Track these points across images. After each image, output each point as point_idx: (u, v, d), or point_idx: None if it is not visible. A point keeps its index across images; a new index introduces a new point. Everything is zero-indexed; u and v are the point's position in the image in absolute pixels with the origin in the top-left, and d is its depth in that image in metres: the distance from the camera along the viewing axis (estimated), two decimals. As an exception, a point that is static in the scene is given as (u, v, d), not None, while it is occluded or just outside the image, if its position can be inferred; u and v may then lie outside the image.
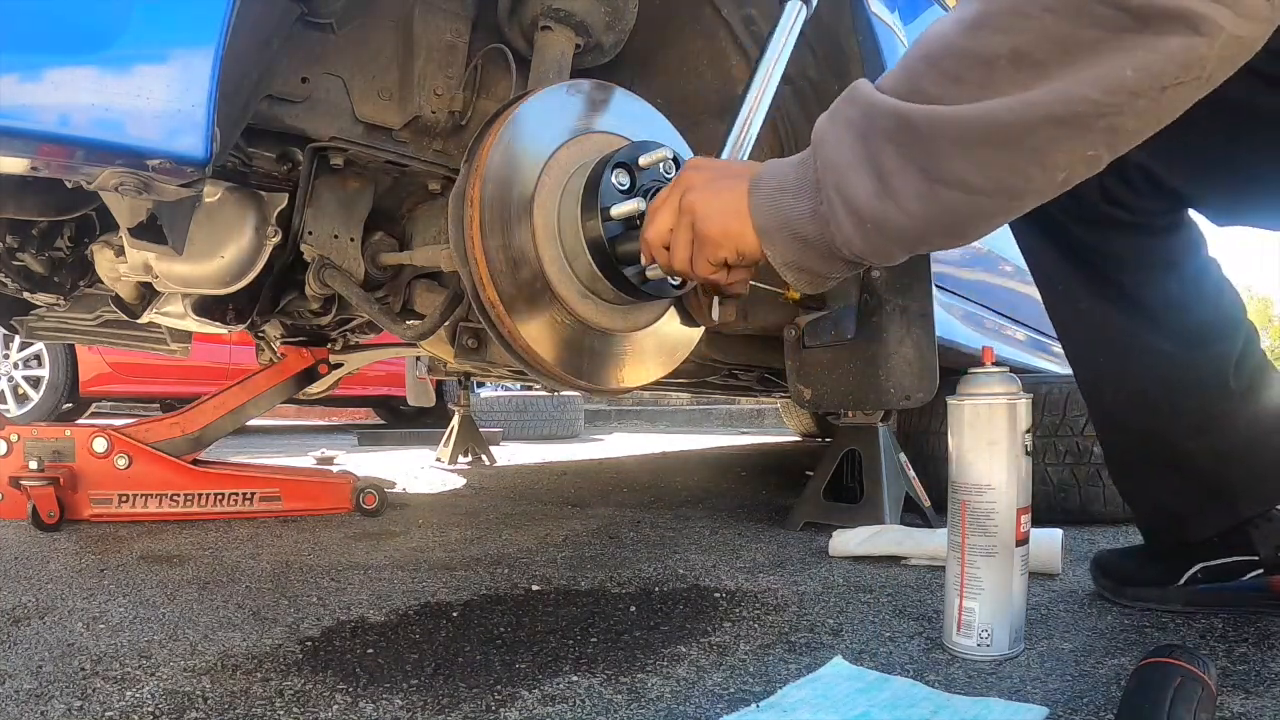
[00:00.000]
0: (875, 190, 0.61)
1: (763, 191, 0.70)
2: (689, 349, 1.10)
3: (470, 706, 0.71)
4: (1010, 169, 0.57)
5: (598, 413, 7.40)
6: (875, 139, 0.61)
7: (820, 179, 0.64)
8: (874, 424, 1.55)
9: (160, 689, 0.74)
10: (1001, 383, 0.84)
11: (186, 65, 0.71)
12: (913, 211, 0.61)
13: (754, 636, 0.91)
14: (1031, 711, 0.68)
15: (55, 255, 1.51)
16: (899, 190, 0.60)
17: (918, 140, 0.59)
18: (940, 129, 0.57)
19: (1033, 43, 0.54)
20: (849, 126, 0.63)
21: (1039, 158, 0.57)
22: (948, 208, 0.60)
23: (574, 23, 1.13)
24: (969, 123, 0.56)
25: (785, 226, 0.68)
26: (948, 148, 0.58)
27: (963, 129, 0.57)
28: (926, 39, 0.61)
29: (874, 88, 0.63)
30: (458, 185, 0.92)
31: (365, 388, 5.62)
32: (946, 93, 0.57)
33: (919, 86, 0.59)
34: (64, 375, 4.61)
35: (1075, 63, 0.53)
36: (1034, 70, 0.54)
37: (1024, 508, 0.83)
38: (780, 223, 0.68)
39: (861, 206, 0.62)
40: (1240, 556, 0.95)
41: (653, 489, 2.31)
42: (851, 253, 0.66)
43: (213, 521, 1.68)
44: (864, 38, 1.25)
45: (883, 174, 0.60)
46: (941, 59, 0.58)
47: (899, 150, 0.59)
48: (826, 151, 0.64)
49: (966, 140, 0.57)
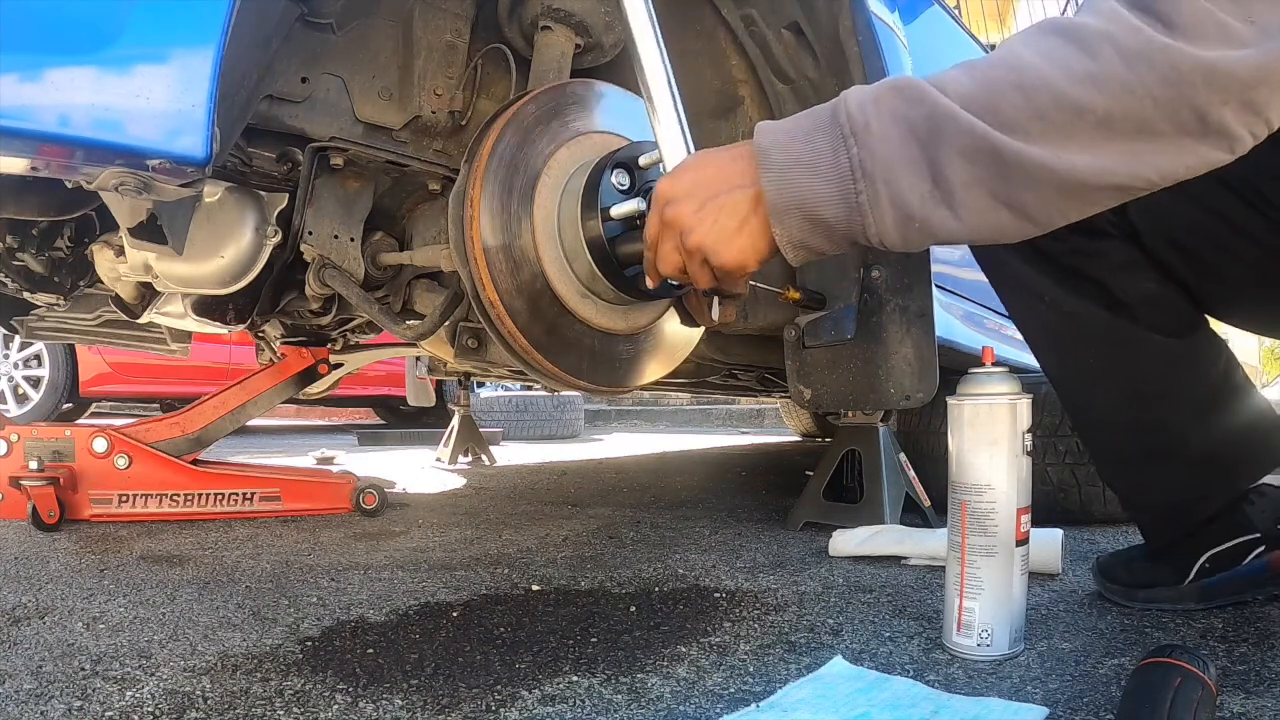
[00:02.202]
0: (929, 194, 0.64)
1: (775, 168, 0.68)
2: (689, 349, 1.10)
3: (470, 706, 0.71)
4: (1064, 210, 0.65)
5: (598, 413, 7.40)
6: (943, 148, 0.63)
7: (866, 169, 0.64)
8: (874, 424, 1.55)
9: (160, 689, 0.74)
10: (1001, 383, 0.84)
11: (186, 65, 0.71)
12: (967, 221, 0.64)
13: (754, 636, 0.91)
14: (1031, 711, 0.68)
15: (55, 255, 1.51)
16: (962, 203, 0.63)
17: (999, 168, 0.62)
18: (1029, 170, 0.62)
19: (1123, 115, 0.60)
20: (905, 125, 0.64)
21: (1087, 207, 0.64)
22: (1000, 226, 0.65)
23: (574, 23, 1.13)
24: (1055, 172, 0.61)
25: (800, 207, 0.67)
26: (1031, 186, 0.62)
27: (1054, 176, 0.61)
28: (1020, 66, 0.62)
29: (938, 92, 0.63)
30: (458, 185, 0.92)
31: (365, 388, 5.62)
32: (1028, 126, 0.61)
33: (998, 107, 0.62)
34: (64, 375, 4.60)
35: (1147, 145, 0.61)
36: (1111, 136, 0.61)
37: (1024, 508, 0.83)
38: (795, 202, 0.67)
39: (912, 206, 0.64)
40: (1242, 538, 0.96)
41: (653, 489, 2.31)
42: (880, 241, 0.67)
43: (213, 521, 1.68)
44: (864, 38, 1.25)
45: (943, 182, 0.63)
46: (1036, 94, 0.61)
47: (973, 169, 0.62)
48: (875, 144, 0.64)
49: (1046, 184, 0.62)
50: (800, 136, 0.68)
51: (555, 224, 0.93)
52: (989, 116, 0.61)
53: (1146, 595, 1.00)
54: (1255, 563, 0.96)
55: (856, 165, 0.64)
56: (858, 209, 0.65)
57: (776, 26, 1.31)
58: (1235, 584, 0.97)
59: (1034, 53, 0.62)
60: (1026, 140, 0.61)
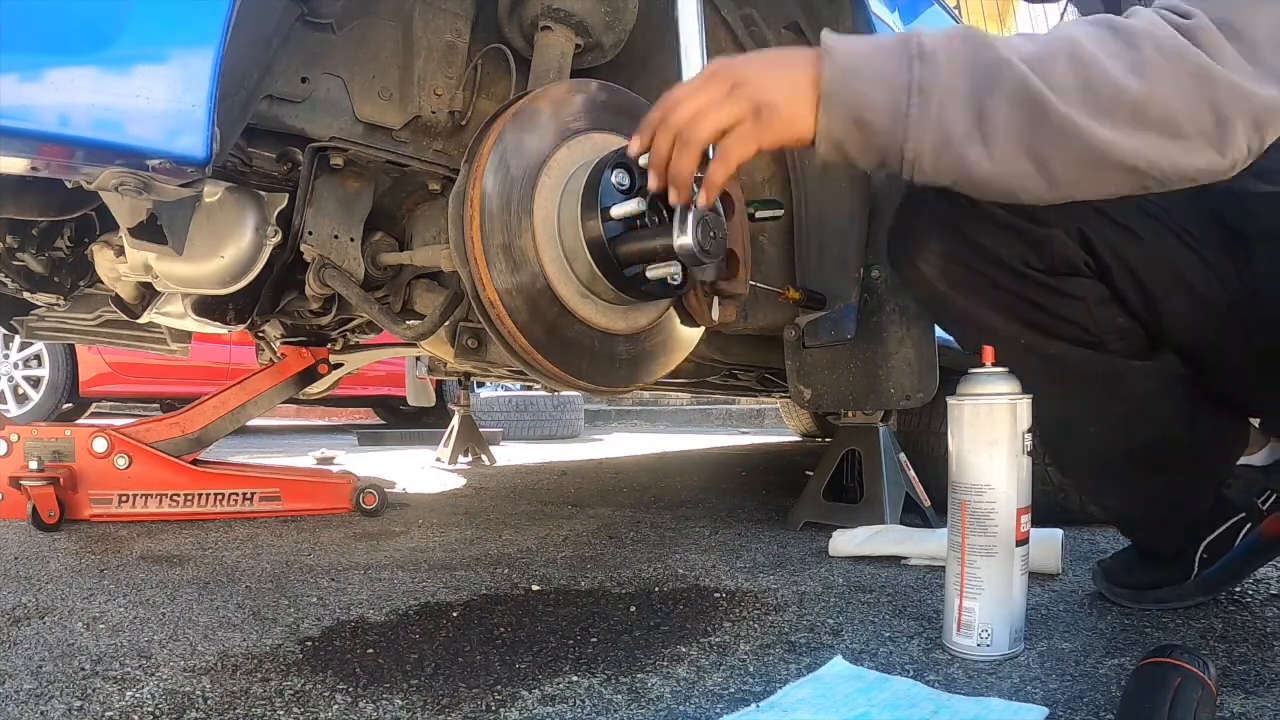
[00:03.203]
0: (969, 130, 0.69)
1: (838, 66, 0.71)
2: (689, 349, 1.10)
3: (470, 706, 0.71)
4: (1080, 180, 0.71)
5: (598, 413, 7.39)
6: (995, 93, 0.68)
7: (924, 88, 0.69)
8: (874, 424, 1.55)
9: (160, 689, 0.74)
10: (1001, 382, 0.84)
11: (186, 65, 0.71)
12: (997, 162, 0.69)
13: (754, 636, 0.91)
14: (1031, 711, 0.68)
15: (55, 255, 1.51)
16: (998, 145, 0.69)
17: (1042, 124, 0.68)
18: (1066, 130, 0.68)
19: (1158, 107, 0.67)
20: (968, 64, 0.69)
21: (1102, 185, 0.71)
22: (1022, 178, 0.71)
23: (574, 23, 1.13)
24: (1086, 139, 0.68)
25: (852, 104, 0.71)
26: (1063, 146, 0.68)
27: (1084, 143, 0.68)
28: (1079, 42, 0.69)
29: (1003, 44, 0.69)
30: (458, 185, 0.92)
31: (365, 388, 5.61)
32: (1074, 93, 0.67)
33: (1051, 71, 0.68)
34: (64, 375, 4.60)
35: (1170, 141, 0.68)
36: (1141, 123, 0.67)
37: (1024, 508, 0.83)
38: (849, 99, 0.71)
39: (955, 134, 0.69)
40: (1231, 520, 1.00)
41: (653, 489, 2.31)
42: (912, 163, 0.71)
43: (213, 521, 1.68)
44: (864, 38, 1.25)
45: (986, 121, 0.68)
46: (1087, 68, 0.67)
47: (1017, 116, 0.68)
48: (939, 69, 0.69)
49: (1075, 147, 0.68)
50: (868, 48, 0.72)
51: (555, 224, 0.93)
52: (1042, 74, 0.67)
53: (1155, 596, 1.01)
54: (1248, 540, 0.99)
55: (915, 83, 0.69)
56: (904, 121, 0.69)
57: (776, 26, 1.31)
58: (1234, 565, 0.99)
59: (1088, 37, 0.68)
60: (1068, 104, 0.67)
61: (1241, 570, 1.00)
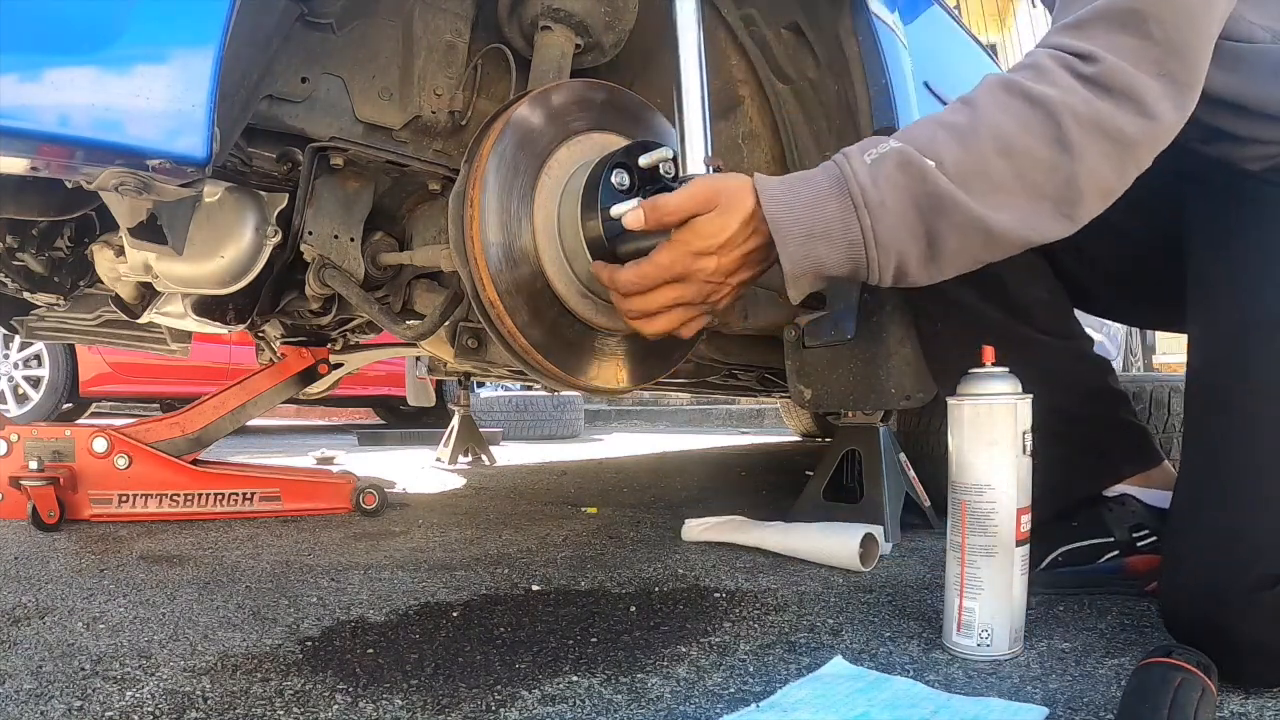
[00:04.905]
0: (923, 254, 0.77)
1: (791, 244, 0.76)
2: (689, 349, 1.10)
3: (470, 706, 0.71)
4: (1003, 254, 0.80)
5: (598, 413, 7.39)
6: (942, 223, 0.75)
7: (880, 239, 0.75)
8: (874, 424, 1.55)
9: (160, 689, 0.74)
10: (1002, 382, 0.84)
11: (186, 65, 0.71)
12: (945, 274, 0.79)
13: (754, 636, 0.91)
14: (1031, 711, 0.68)
15: (55, 255, 1.51)
16: (948, 263, 0.78)
17: (986, 240, 0.76)
18: (1008, 240, 0.76)
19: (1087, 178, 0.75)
20: (910, 199, 0.74)
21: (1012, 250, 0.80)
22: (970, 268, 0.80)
23: (574, 22, 1.13)
24: (1025, 238, 0.77)
25: (813, 271, 0.77)
26: (1003, 250, 0.78)
27: (1019, 242, 0.77)
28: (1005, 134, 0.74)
29: (936, 168, 0.74)
30: (458, 185, 0.92)
31: (365, 388, 5.62)
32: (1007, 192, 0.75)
33: (987, 179, 0.75)
34: (64, 375, 4.60)
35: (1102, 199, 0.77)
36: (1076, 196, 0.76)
37: (1024, 508, 0.83)
38: (809, 268, 0.77)
39: (910, 265, 0.77)
40: (1098, 539, 1.04)
41: (653, 489, 2.31)
42: (870, 284, 0.80)
43: (213, 521, 1.68)
44: (864, 37, 1.24)
45: (936, 247, 0.76)
46: (1016, 161, 0.74)
47: (964, 241, 0.76)
48: (887, 218, 0.74)
49: (1015, 247, 0.77)
50: (808, 203, 0.76)
51: (555, 224, 0.93)
52: (979, 189, 0.73)
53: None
54: (1110, 563, 1.04)
55: (869, 233, 0.75)
56: (864, 266, 0.77)
57: (776, 26, 1.31)
58: (1085, 578, 1.04)
59: (1011, 123, 0.74)
60: (1007, 214, 0.74)
61: (1093, 585, 1.04)
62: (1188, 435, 0.85)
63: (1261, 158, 0.85)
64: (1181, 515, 0.82)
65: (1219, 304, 0.86)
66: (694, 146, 0.86)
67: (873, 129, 1.24)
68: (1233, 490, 0.76)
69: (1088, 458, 1.08)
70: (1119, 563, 1.04)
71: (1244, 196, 0.87)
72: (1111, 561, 1.04)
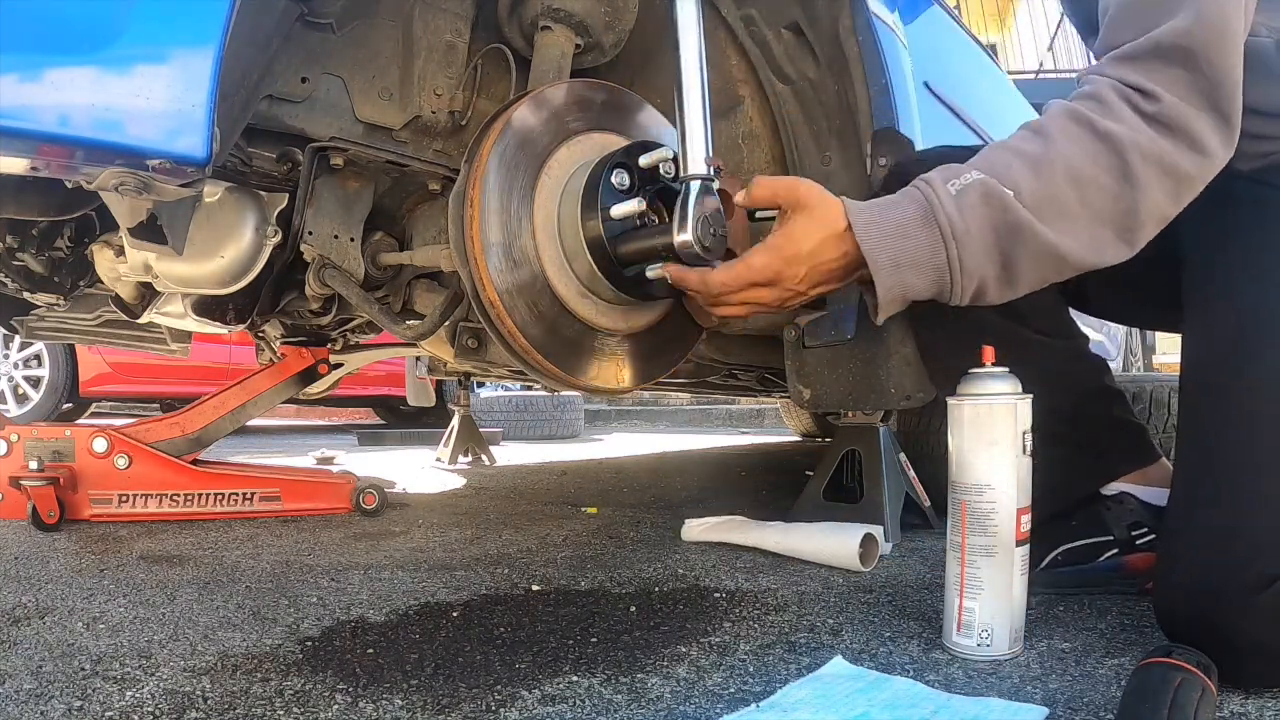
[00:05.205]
0: (999, 277, 0.82)
1: (883, 270, 0.81)
2: (689, 349, 1.10)
3: (470, 706, 0.71)
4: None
5: (598, 413, 7.39)
6: (1019, 250, 0.79)
7: (966, 267, 0.80)
8: (874, 424, 1.55)
9: (160, 689, 0.74)
10: (1002, 382, 0.84)
11: (186, 65, 0.71)
12: (1018, 293, 0.83)
13: (754, 636, 0.91)
14: (1031, 711, 0.68)
15: (55, 255, 1.51)
16: (1022, 286, 0.83)
17: (1058, 265, 0.81)
18: (1081, 265, 0.81)
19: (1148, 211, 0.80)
20: (992, 229, 0.79)
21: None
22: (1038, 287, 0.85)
23: (574, 22, 1.13)
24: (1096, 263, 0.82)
25: (904, 296, 0.82)
26: (1074, 271, 0.82)
27: (1091, 265, 0.81)
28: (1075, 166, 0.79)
29: (1015, 198, 0.78)
30: (458, 185, 0.92)
31: (365, 388, 5.61)
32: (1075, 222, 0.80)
33: (1060, 206, 0.79)
34: (64, 375, 4.60)
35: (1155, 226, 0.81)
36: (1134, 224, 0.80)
37: (1024, 508, 0.83)
38: (900, 294, 0.82)
39: (988, 288, 0.82)
40: (1097, 538, 1.05)
41: (653, 489, 2.31)
42: (954, 305, 0.84)
43: (213, 521, 1.68)
44: (864, 37, 1.24)
45: (1012, 271, 0.81)
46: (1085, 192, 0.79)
47: (1038, 269, 0.81)
48: (974, 247, 0.79)
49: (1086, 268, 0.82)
50: (896, 232, 0.80)
51: (555, 224, 0.93)
52: (1051, 214, 0.78)
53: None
54: (1109, 561, 1.05)
55: (955, 261, 0.80)
56: (948, 289, 0.82)
57: (776, 26, 1.31)
58: (1084, 577, 1.05)
59: (1080, 156, 0.79)
60: (1076, 242, 0.79)
61: (1093, 584, 1.05)
62: (1182, 433, 0.85)
63: (1252, 155, 0.86)
64: (1177, 513, 0.82)
65: (1216, 304, 0.86)
66: (694, 146, 0.87)
67: (872, 129, 1.24)
68: (1230, 488, 0.76)
69: (1085, 457, 1.08)
70: (1118, 561, 1.04)
71: (1240, 199, 0.88)
72: (1111, 560, 1.05)
